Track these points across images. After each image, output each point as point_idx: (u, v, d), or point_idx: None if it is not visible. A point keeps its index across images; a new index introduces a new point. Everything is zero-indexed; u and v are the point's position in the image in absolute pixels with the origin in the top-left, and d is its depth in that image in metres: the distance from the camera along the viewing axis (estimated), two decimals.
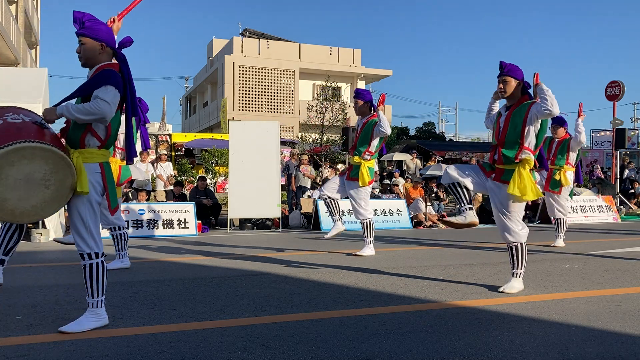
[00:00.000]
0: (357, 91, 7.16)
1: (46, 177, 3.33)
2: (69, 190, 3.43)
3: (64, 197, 3.44)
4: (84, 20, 3.57)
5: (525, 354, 3.07)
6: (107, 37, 3.61)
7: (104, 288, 3.57)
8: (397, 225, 11.29)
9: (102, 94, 3.41)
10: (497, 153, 4.73)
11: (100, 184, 3.55)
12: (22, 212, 3.36)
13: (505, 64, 4.79)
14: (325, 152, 22.25)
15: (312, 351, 3.12)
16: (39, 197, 3.35)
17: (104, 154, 3.60)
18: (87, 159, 3.49)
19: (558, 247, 7.90)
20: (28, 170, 3.27)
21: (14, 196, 3.29)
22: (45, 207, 3.41)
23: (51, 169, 3.32)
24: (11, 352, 3.09)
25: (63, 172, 3.36)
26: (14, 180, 3.26)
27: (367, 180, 6.87)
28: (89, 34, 3.56)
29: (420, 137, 41.72)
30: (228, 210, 10.88)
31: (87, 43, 3.58)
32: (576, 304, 4.30)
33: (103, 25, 3.65)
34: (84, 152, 3.50)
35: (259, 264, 6.36)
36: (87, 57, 3.61)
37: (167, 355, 3.05)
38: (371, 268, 5.99)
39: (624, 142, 15.29)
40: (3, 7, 19.64)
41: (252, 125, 12.19)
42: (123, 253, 6.05)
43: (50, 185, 3.35)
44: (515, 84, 4.74)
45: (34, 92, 8.71)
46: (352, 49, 37.38)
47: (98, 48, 3.58)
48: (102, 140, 3.55)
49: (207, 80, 39.44)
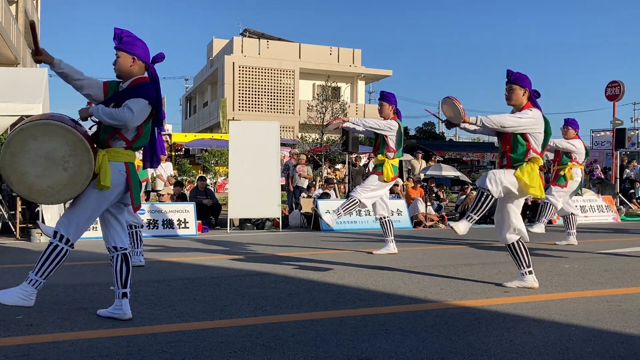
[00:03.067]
0: (382, 94, 7.25)
1: (65, 159, 3.51)
2: (85, 178, 3.56)
3: (80, 184, 3.57)
4: (122, 36, 3.83)
5: (525, 354, 3.07)
6: (140, 52, 3.85)
7: (50, 273, 3.70)
8: (397, 225, 11.26)
9: (132, 103, 3.65)
10: (506, 158, 4.80)
11: (123, 183, 3.73)
12: (39, 191, 3.53)
13: (512, 73, 4.85)
14: (325, 152, 22.22)
15: (312, 351, 3.12)
16: (55, 177, 3.51)
17: (130, 155, 3.81)
18: (112, 157, 3.68)
19: (572, 244, 8.05)
20: (49, 147, 3.48)
21: (33, 171, 3.48)
22: (61, 190, 3.55)
23: (71, 152, 3.51)
24: (11, 352, 3.09)
25: (81, 157, 3.53)
26: (35, 155, 3.47)
27: (391, 175, 6.99)
28: (125, 49, 3.81)
29: (420, 137, 41.68)
30: (228, 210, 10.88)
31: (122, 57, 3.82)
32: (576, 304, 4.30)
33: (140, 41, 3.89)
34: (110, 150, 3.69)
35: (259, 264, 6.36)
36: (120, 70, 3.85)
37: (167, 355, 3.05)
38: (371, 268, 6.00)
39: (624, 142, 15.29)
40: (3, 7, 19.64)
41: (252, 125, 12.19)
42: (138, 250, 6.18)
43: (68, 168, 3.52)
44: (521, 92, 4.80)
45: (34, 92, 8.70)
46: (352, 49, 37.37)
47: (130, 61, 3.81)
48: (128, 141, 3.75)
49: (207, 80, 39.44)
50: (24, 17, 25.36)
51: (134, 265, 6.09)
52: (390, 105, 7.11)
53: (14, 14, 23.68)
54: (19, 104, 7.99)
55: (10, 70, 13.19)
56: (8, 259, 6.94)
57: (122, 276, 3.77)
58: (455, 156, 30.60)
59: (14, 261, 6.74)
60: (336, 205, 11.08)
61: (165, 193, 11.53)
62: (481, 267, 6.06)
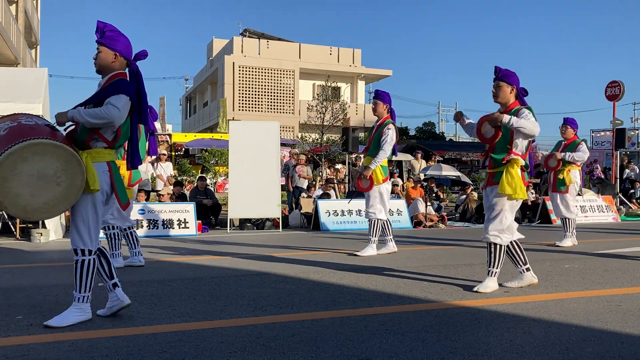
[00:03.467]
0: (377, 93, 7.21)
1: (57, 174, 3.46)
2: (79, 188, 3.54)
3: (74, 195, 3.55)
4: (105, 30, 3.77)
5: (525, 354, 3.07)
6: (123, 48, 3.79)
7: (91, 285, 3.70)
8: (397, 225, 11.28)
9: (115, 100, 3.59)
10: (488, 158, 4.80)
11: (107, 183, 3.70)
12: (35, 209, 3.48)
13: (500, 69, 4.79)
14: (325, 152, 22.23)
15: (312, 351, 3.12)
16: (50, 193, 3.47)
17: (111, 154, 3.77)
18: (95, 159, 3.64)
19: (564, 247, 7.90)
20: (40, 166, 3.41)
21: (27, 192, 3.41)
22: (56, 204, 3.52)
23: (62, 166, 3.46)
24: (11, 352, 3.09)
25: (73, 170, 3.49)
26: (27, 176, 3.39)
27: (381, 178, 6.96)
28: (107, 44, 3.75)
29: (421, 137, 41.66)
30: (228, 210, 10.88)
31: (103, 52, 3.77)
32: (576, 304, 4.30)
33: (123, 37, 3.83)
34: (91, 152, 3.65)
35: (259, 264, 6.36)
36: (101, 65, 3.80)
37: (167, 355, 3.05)
38: (371, 268, 5.99)
39: (624, 142, 15.28)
40: (3, 7, 19.64)
41: (252, 125, 12.18)
42: (136, 250, 6.21)
43: (61, 183, 3.47)
44: (509, 89, 4.75)
45: (34, 92, 8.71)
46: (352, 49, 37.38)
47: (112, 57, 3.77)
48: (109, 142, 3.70)
49: (207, 80, 39.45)
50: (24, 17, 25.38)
51: (134, 265, 6.14)
52: (384, 104, 7.08)
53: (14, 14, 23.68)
54: (19, 104, 7.99)
55: (10, 70, 13.20)
56: (8, 259, 6.95)
57: (105, 269, 3.81)
58: (455, 156, 30.58)
59: (14, 261, 6.74)
60: (337, 206, 11.12)
61: (165, 193, 11.54)
62: (481, 267, 6.06)
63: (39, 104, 8.25)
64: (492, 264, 4.76)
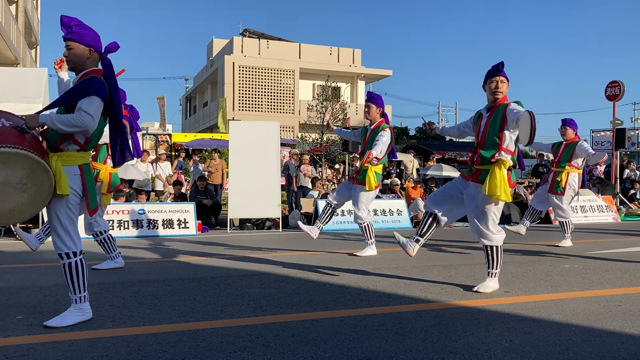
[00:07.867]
0: (370, 95, 7.10)
1: (22, 182, 3.38)
2: (47, 194, 3.47)
3: (42, 201, 3.49)
4: (71, 25, 3.62)
5: (525, 354, 3.07)
6: (94, 42, 3.65)
7: (85, 284, 3.68)
8: (397, 225, 11.29)
9: (86, 105, 3.44)
10: (476, 154, 4.76)
11: (79, 186, 3.62)
12: (0, 215, 3.42)
13: (504, 64, 4.81)
14: (325, 152, 22.22)
15: (312, 351, 3.12)
16: (15, 200, 3.41)
17: (84, 156, 3.66)
18: (65, 162, 3.55)
19: (564, 247, 7.94)
20: (4, 175, 3.32)
21: None
22: (22, 210, 3.47)
23: (27, 174, 3.37)
24: (11, 352, 3.09)
25: (40, 177, 3.40)
26: None
27: (374, 184, 6.87)
28: (77, 39, 3.61)
29: (420, 137, 41.68)
30: (228, 210, 10.88)
31: (74, 48, 3.63)
32: (576, 304, 4.30)
33: (90, 30, 3.68)
34: (62, 155, 3.55)
35: (259, 264, 6.36)
36: (75, 62, 3.66)
37: (167, 355, 3.05)
38: (371, 268, 5.99)
39: (624, 142, 15.28)
40: (3, 7, 19.63)
41: (252, 125, 12.18)
42: (114, 254, 6.01)
43: (27, 190, 3.40)
44: (507, 85, 4.78)
45: (34, 92, 8.72)
46: (352, 49, 37.35)
47: (86, 53, 3.64)
48: (81, 145, 3.60)
49: (207, 80, 39.43)
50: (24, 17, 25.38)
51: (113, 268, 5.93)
52: (377, 107, 6.95)
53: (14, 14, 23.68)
54: (19, 104, 8.00)
55: (10, 70, 13.20)
56: (8, 259, 6.95)
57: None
58: (455, 156, 30.56)
59: (14, 261, 6.74)
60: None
61: (168, 192, 11.55)
62: (481, 267, 6.06)
63: (39, 104, 8.25)
64: (492, 265, 4.78)
